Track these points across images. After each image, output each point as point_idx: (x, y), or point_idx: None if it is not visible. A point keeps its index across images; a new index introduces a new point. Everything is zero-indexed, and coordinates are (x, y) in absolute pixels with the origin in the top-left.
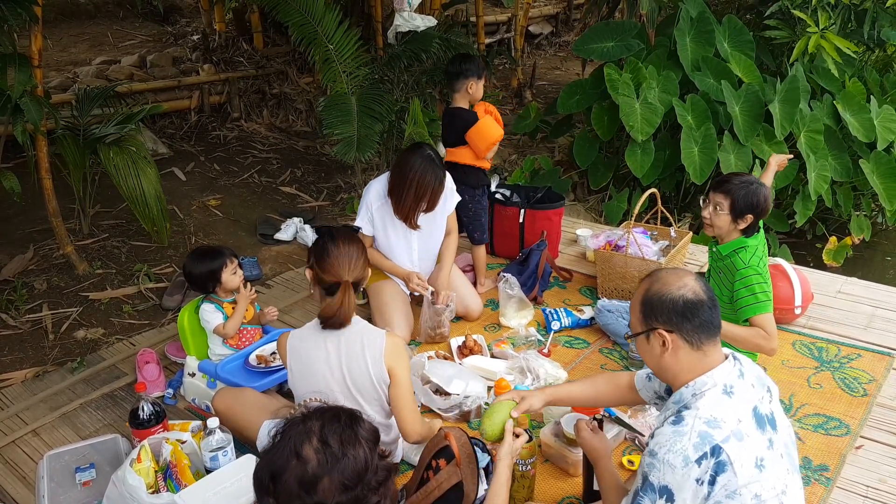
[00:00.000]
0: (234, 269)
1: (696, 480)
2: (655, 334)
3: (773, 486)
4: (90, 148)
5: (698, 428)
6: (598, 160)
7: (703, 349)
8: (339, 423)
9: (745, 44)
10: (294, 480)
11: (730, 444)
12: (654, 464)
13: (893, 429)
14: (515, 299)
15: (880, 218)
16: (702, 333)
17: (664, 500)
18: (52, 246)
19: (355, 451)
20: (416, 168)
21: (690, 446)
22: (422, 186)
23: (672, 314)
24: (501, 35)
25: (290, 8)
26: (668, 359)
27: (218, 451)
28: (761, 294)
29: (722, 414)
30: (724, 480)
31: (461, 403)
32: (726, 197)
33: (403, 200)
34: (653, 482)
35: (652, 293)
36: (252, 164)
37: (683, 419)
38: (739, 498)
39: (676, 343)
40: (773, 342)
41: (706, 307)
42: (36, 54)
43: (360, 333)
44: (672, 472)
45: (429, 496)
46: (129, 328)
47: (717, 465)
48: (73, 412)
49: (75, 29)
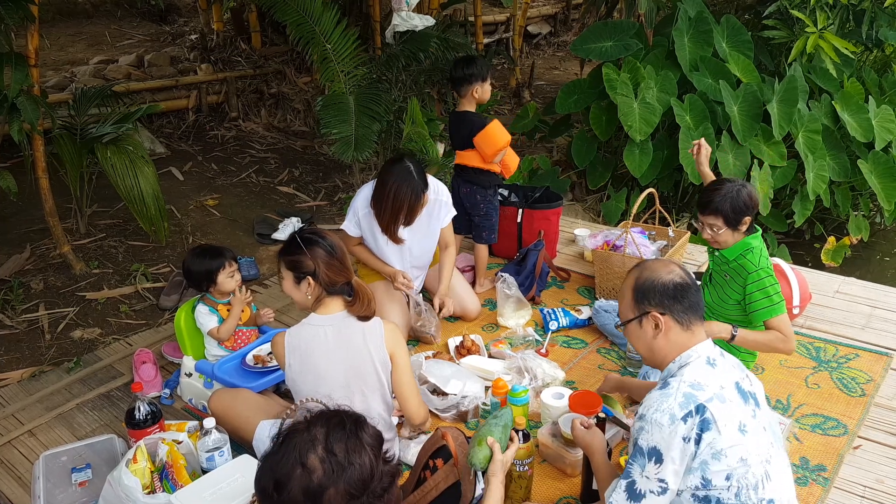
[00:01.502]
0: (231, 272)
1: (682, 438)
2: (648, 318)
3: (757, 452)
4: (87, 147)
5: (683, 390)
6: (596, 160)
7: (691, 329)
8: (343, 430)
9: (744, 44)
10: (299, 490)
11: (713, 405)
12: (643, 426)
13: (891, 429)
14: (513, 299)
15: (878, 218)
16: (691, 314)
17: (653, 463)
18: (48, 245)
19: (361, 459)
20: (392, 181)
21: (676, 405)
22: (398, 200)
23: (664, 297)
24: (500, 35)
25: (288, 7)
26: (660, 341)
27: (214, 451)
28: (775, 296)
29: (705, 380)
30: (709, 438)
31: (459, 403)
32: (717, 216)
33: (382, 213)
34: (642, 446)
35: (643, 279)
36: (250, 164)
37: (669, 384)
38: (725, 459)
39: (669, 324)
40: (791, 343)
41: (693, 290)
42: (33, 53)
43: (359, 324)
44: (660, 431)
45: (426, 496)
46: (125, 328)
47: (702, 422)
48: (70, 412)
49: (73, 28)
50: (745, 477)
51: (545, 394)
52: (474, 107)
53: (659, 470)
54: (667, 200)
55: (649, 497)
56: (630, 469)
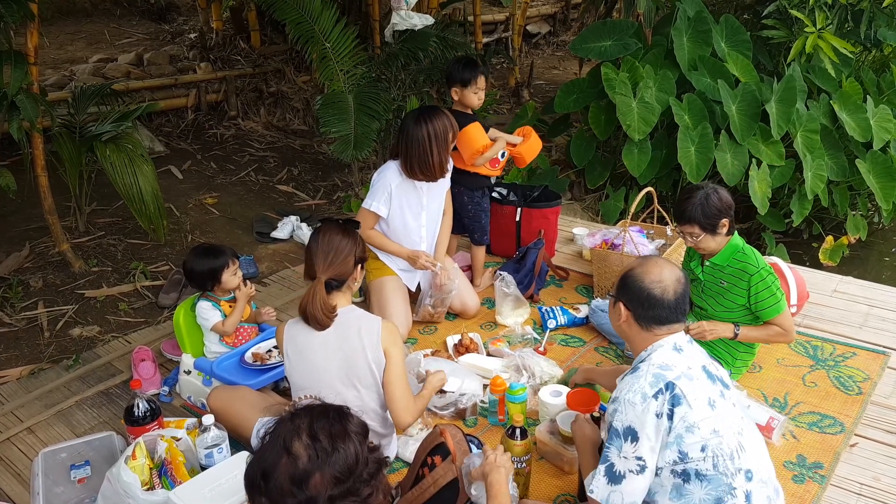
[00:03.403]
0: (234, 270)
1: (655, 415)
2: (619, 304)
3: (729, 424)
4: (86, 145)
5: (652, 371)
6: (594, 159)
7: (652, 331)
8: (327, 418)
9: (742, 43)
10: (285, 477)
11: (682, 382)
12: (617, 408)
13: (888, 427)
14: (512, 297)
15: (876, 217)
16: (653, 323)
17: (629, 442)
18: (47, 243)
19: (345, 445)
20: (428, 118)
21: (647, 384)
22: (442, 129)
23: (633, 299)
24: (499, 34)
25: (288, 6)
26: (624, 327)
27: (213, 448)
28: (778, 292)
29: (672, 361)
30: (681, 413)
31: (457, 401)
32: (692, 224)
33: (430, 153)
34: (616, 427)
35: (632, 273)
36: (249, 163)
37: (639, 368)
38: (699, 431)
39: (630, 320)
40: (792, 335)
41: (665, 307)
42: (32, 51)
43: (357, 320)
44: (633, 409)
45: (424, 493)
46: (124, 326)
47: (673, 398)
48: (69, 409)
49: (72, 27)
50: (719, 448)
51: (543, 391)
52: (462, 108)
53: (636, 448)
54: (665, 199)
55: (629, 477)
56: (607, 453)
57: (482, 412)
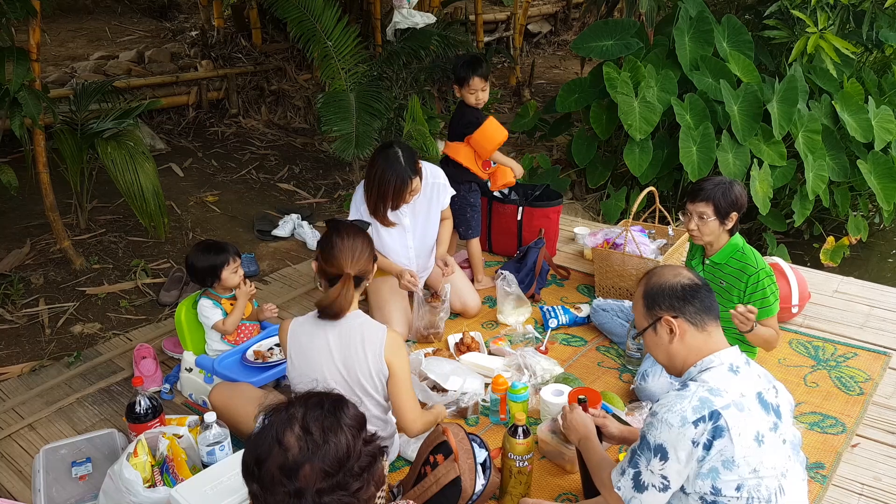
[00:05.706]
0: (235, 267)
1: (692, 442)
2: (662, 323)
3: (773, 465)
4: (88, 143)
5: (700, 394)
6: (596, 159)
7: (707, 330)
8: (321, 409)
9: (744, 43)
10: (276, 467)
11: (729, 412)
12: (654, 423)
13: (889, 427)
14: (513, 297)
15: (877, 218)
16: (704, 315)
17: (658, 459)
18: (48, 241)
19: (337, 437)
20: (379, 166)
21: (690, 408)
22: (384, 185)
23: (674, 300)
24: (500, 33)
25: (289, 4)
26: (677, 345)
27: (215, 445)
28: (772, 296)
29: (725, 385)
30: (720, 446)
31: (458, 400)
32: (707, 203)
33: (369, 198)
34: (649, 440)
35: (651, 285)
36: (250, 161)
37: (688, 386)
38: (737, 469)
39: (683, 326)
40: (774, 342)
41: (704, 290)
42: (34, 48)
43: (361, 327)
44: (668, 430)
45: (426, 491)
46: (125, 323)
47: (715, 429)
48: (70, 406)
49: (73, 24)
50: (756, 489)
51: (544, 391)
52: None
53: (663, 467)
54: (666, 199)
55: (651, 490)
56: (637, 460)
57: (484, 411)
